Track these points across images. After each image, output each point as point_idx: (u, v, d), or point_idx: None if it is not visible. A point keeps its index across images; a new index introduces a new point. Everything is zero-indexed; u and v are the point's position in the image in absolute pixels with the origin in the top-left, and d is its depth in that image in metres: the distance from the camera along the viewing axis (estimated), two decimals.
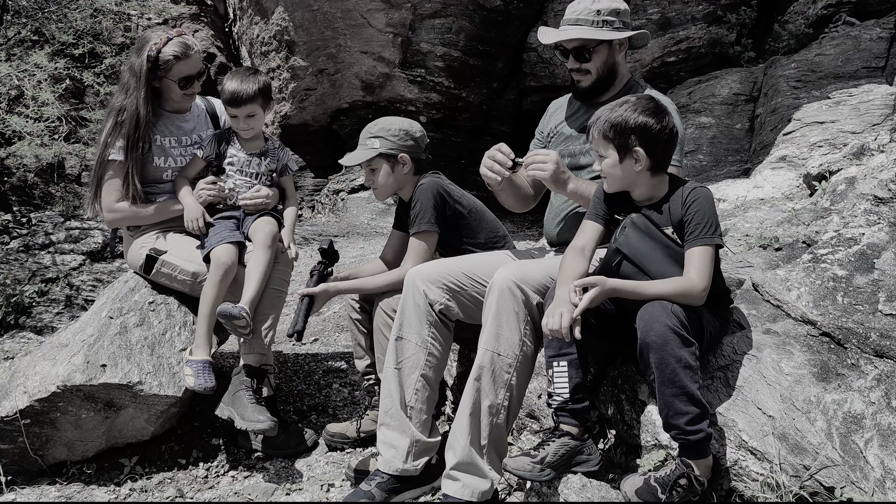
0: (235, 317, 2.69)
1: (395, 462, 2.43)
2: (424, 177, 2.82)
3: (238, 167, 3.07)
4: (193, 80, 3.04)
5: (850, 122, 4.33)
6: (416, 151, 2.83)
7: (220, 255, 2.83)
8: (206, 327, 2.82)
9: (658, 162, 2.21)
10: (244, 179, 3.07)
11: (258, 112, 3.00)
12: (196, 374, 2.74)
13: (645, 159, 2.18)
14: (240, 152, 3.08)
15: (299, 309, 2.72)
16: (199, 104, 3.24)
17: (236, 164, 3.07)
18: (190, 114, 3.17)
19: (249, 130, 3.03)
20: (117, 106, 2.99)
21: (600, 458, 2.27)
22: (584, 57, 2.61)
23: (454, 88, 7.08)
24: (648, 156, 2.18)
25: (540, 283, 2.36)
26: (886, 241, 2.39)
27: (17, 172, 6.81)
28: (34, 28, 6.38)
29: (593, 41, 2.58)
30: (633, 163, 2.19)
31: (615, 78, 2.68)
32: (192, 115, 3.17)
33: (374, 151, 2.78)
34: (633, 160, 2.19)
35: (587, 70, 2.63)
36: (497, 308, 2.31)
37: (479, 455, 2.28)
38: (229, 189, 3.06)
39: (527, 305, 2.32)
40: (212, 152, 3.07)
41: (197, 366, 2.76)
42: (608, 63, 2.64)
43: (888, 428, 1.96)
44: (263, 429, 2.69)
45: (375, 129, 2.81)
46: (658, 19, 6.60)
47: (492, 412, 2.29)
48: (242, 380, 2.80)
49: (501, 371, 2.29)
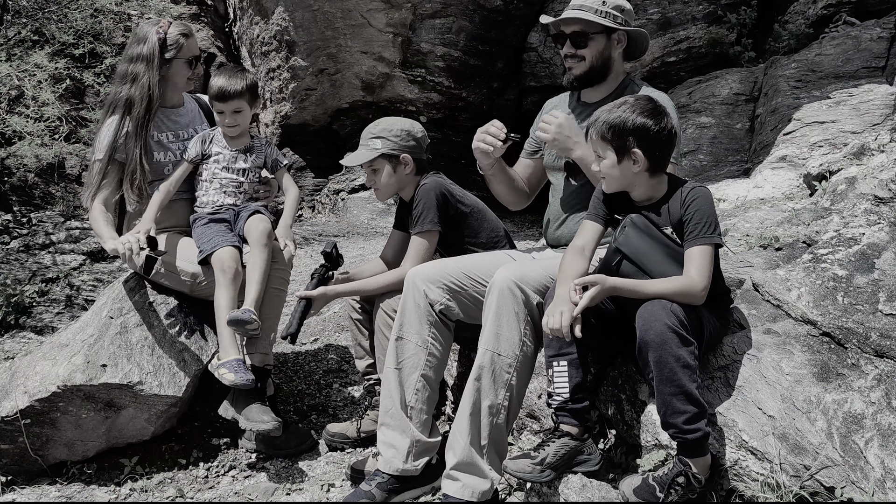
0: (247, 321, 2.69)
1: (396, 462, 2.43)
2: (426, 177, 2.82)
3: (224, 164, 3.05)
4: (197, 61, 3.12)
5: (850, 122, 4.33)
6: (417, 152, 2.83)
7: (224, 260, 2.82)
8: (229, 331, 2.78)
9: (656, 163, 2.21)
10: (231, 177, 3.05)
11: (245, 108, 3.00)
12: (234, 371, 2.69)
13: (643, 160, 2.18)
14: (225, 149, 3.07)
15: (295, 311, 2.72)
16: (191, 99, 3.28)
17: (222, 161, 3.05)
18: (184, 108, 3.21)
19: (235, 127, 3.02)
20: (123, 97, 3.01)
21: (600, 457, 2.27)
22: (581, 43, 2.62)
23: (454, 88, 7.08)
24: (647, 157, 2.18)
25: (540, 283, 2.36)
26: (887, 241, 2.39)
27: (18, 172, 6.80)
28: (34, 28, 6.38)
29: (594, 26, 2.59)
30: (631, 164, 2.20)
31: (608, 72, 2.68)
32: (186, 110, 3.21)
33: (375, 152, 2.78)
34: (632, 161, 2.19)
35: (582, 56, 2.63)
36: (497, 308, 2.31)
37: (479, 455, 2.28)
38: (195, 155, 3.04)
39: (527, 305, 2.32)
40: (197, 153, 3.06)
41: (232, 364, 2.72)
42: (604, 55, 2.64)
43: (888, 428, 1.96)
44: (268, 429, 2.68)
45: (377, 130, 2.81)
46: (658, 19, 6.60)
47: (492, 412, 2.29)
48: None
49: (501, 371, 2.29)
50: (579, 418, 2.23)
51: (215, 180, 3.05)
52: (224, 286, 2.81)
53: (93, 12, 6.48)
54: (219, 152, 3.07)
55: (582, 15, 2.59)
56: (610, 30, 2.62)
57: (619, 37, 2.65)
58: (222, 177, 3.05)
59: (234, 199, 3.05)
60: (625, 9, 2.65)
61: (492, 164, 2.69)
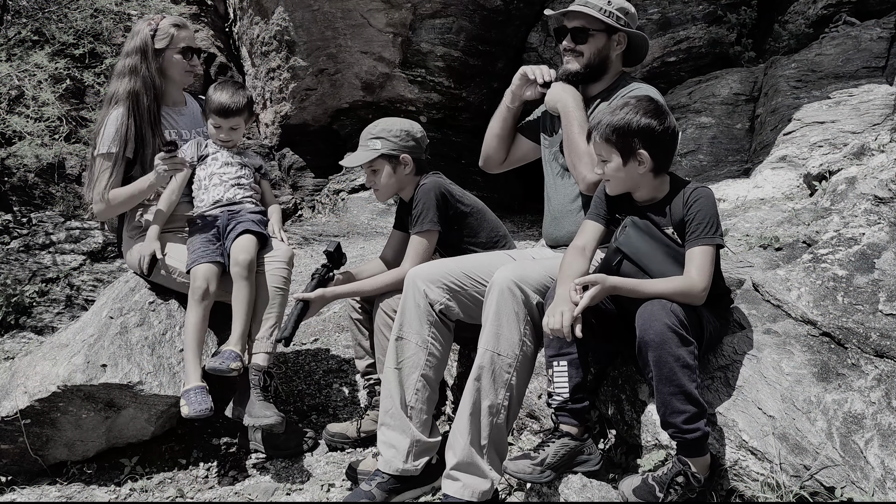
0: (225, 371, 2.70)
1: (396, 462, 2.43)
2: (426, 177, 2.82)
3: (223, 160, 3.09)
4: (194, 53, 3.12)
5: (850, 122, 4.33)
6: (417, 152, 2.83)
7: (197, 278, 2.82)
8: (193, 354, 2.80)
9: (661, 163, 2.21)
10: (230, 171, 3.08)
11: (241, 126, 3.08)
12: (189, 402, 2.71)
13: (649, 161, 2.18)
14: (219, 151, 3.12)
15: (292, 314, 2.71)
16: (193, 100, 3.29)
17: (220, 159, 3.09)
18: (186, 108, 3.23)
19: (229, 142, 3.09)
20: (124, 90, 3.02)
21: (601, 457, 2.27)
22: (581, 38, 2.65)
23: (454, 88, 7.08)
24: (652, 158, 2.18)
25: (540, 282, 2.36)
26: (887, 241, 2.39)
27: (18, 172, 6.79)
28: (34, 28, 6.37)
29: (596, 23, 2.62)
30: (637, 165, 2.19)
31: (605, 72, 2.70)
32: (189, 110, 3.23)
33: (375, 152, 2.78)
34: (637, 162, 2.19)
35: (580, 52, 2.66)
36: (497, 308, 2.31)
37: (479, 455, 2.28)
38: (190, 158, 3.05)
39: (526, 305, 2.32)
40: (195, 154, 3.09)
41: (189, 394, 2.73)
42: (602, 53, 2.66)
43: (888, 428, 1.96)
44: (271, 423, 2.69)
45: (376, 130, 2.81)
46: (658, 19, 6.60)
47: (492, 412, 2.28)
48: (250, 378, 2.81)
49: (501, 371, 2.29)
50: (579, 418, 2.23)
51: (214, 176, 3.06)
52: (191, 306, 2.82)
53: (93, 12, 6.47)
54: (216, 151, 3.11)
55: (586, 10, 2.61)
56: (611, 29, 2.63)
57: (620, 38, 2.66)
58: (221, 172, 3.07)
59: (233, 193, 3.05)
60: (629, 12, 2.66)
61: (518, 97, 2.83)
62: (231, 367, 2.70)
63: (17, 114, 5.75)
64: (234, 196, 3.05)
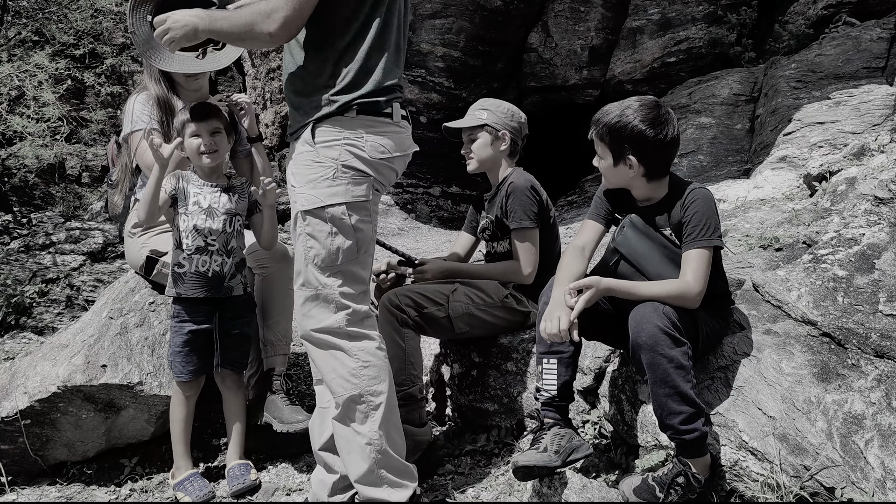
0: (253, 486, 2.70)
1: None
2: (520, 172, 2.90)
3: (205, 206, 2.67)
4: None
5: (850, 123, 4.33)
6: (517, 133, 2.95)
7: (182, 391, 2.73)
8: (182, 446, 2.74)
9: (652, 170, 2.21)
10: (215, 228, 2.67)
11: (222, 133, 2.68)
12: (188, 492, 2.67)
13: (638, 167, 2.19)
14: (203, 188, 2.68)
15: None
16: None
17: (202, 204, 2.67)
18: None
19: (214, 154, 2.64)
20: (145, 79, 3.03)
21: (588, 444, 2.26)
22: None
23: (454, 89, 7.08)
24: (641, 164, 2.18)
25: None
26: (887, 242, 2.39)
27: (18, 173, 6.80)
28: (35, 28, 6.38)
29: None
30: (627, 168, 2.20)
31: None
32: None
33: (480, 121, 2.91)
34: (627, 166, 2.20)
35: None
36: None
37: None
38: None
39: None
40: (175, 186, 2.67)
41: (184, 485, 2.69)
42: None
43: (888, 428, 1.96)
44: (306, 428, 2.63)
45: (485, 104, 2.98)
46: (658, 19, 6.61)
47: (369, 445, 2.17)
48: (273, 384, 2.83)
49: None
50: (563, 415, 2.24)
51: (199, 236, 2.65)
52: (178, 402, 2.74)
53: (93, 13, 6.48)
54: (197, 193, 2.67)
55: None
56: None
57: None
58: (206, 230, 2.66)
59: (219, 265, 2.67)
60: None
61: None
62: (254, 480, 2.70)
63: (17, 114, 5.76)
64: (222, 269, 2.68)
